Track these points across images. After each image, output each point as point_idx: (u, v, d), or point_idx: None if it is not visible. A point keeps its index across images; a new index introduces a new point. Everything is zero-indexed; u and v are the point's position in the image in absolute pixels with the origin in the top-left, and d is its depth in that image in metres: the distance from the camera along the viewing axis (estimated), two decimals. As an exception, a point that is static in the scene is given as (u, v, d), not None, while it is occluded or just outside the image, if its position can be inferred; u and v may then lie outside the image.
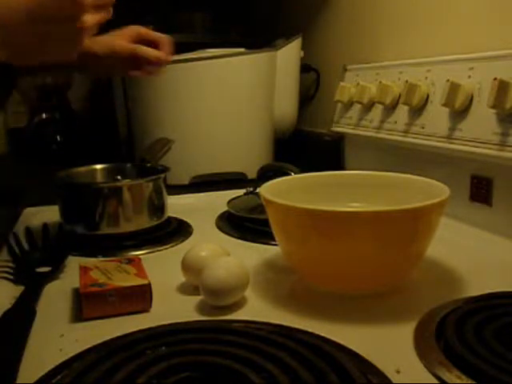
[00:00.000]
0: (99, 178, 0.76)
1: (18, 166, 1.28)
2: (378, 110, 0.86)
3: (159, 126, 0.99)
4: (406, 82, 0.76)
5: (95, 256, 0.61)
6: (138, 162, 0.79)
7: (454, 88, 0.66)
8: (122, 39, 0.70)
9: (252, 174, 1.03)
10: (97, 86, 1.54)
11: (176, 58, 0.97)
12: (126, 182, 0.68)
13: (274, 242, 0.57)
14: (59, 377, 0.36)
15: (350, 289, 0.49)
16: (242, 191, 0.93)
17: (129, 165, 0.79)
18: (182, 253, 0.52)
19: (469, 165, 0.68)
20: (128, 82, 1.09)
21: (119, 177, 0.72)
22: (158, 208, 0.70)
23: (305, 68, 1.16)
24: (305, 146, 1.21)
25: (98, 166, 0.76)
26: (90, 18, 0.48)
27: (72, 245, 0.62)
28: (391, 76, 0.83)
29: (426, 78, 0.75)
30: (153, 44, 0.72)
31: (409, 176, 0.57)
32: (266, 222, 0.53)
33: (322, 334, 0.40)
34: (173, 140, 0.78)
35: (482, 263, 0.57)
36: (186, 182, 1.00)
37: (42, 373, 0.36)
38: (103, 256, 0.60)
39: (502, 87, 0.59)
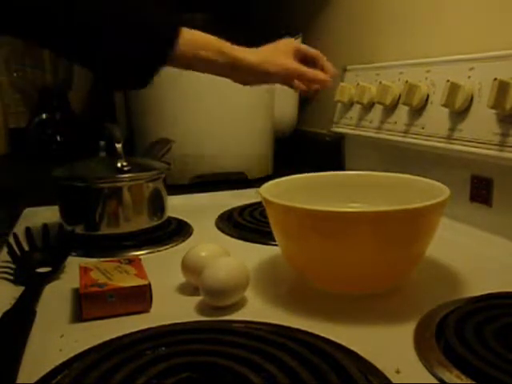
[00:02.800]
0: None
1: (18, 165, 1.28)
2: (378, 111, 0.86)
3: (159, 126, 0.99)
4: (406, 82, 0.76)
5: (95, 256, 0.61)
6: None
7: (454, 88, 0.66)
8: (284, 56, 0.72)
9: (252, 174, 1.03)
10: (97, 86, 1.54)
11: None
12: (126, 182, 0.68)
13: (273, 242, 0.57)
14: (59, 377, 0.36)
15: (350, 289, 0.49)
16: (242, 191, 0.93)
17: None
18: (182, 253, 0.52)
19: (469, 165, 0.68)
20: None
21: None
22: (158, 208, 0.70)
23: (305, 68, 1.16)
24: (305, 145, 1.21)
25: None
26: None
27: (72, 245, 0.62)
28: (391, 76, 0.83)
29: (426, 78, 0.75)
30: (309, 60, 0.75)
31: (409, 176, 0.57)
32: (266, 222, 0.53)
33: (322, 334, 0.40)
34: (173, 140, 0.78)
35: (482, 263, 0.57)
36: (186, 182, 1.00)
37: (42, 373, 0.36)
38: (103, 256, 0.60)
39: (501, 87, 0.59)
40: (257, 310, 0.47)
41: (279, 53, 0.73)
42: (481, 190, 0.67)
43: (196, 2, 1.35)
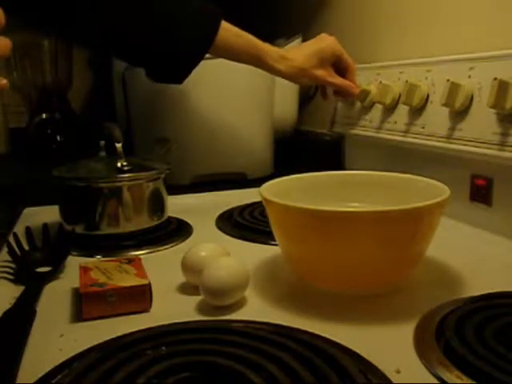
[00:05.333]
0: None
1: (18, 165, 1.28)
2: (378, 110, 0.86)
3: (159, 126, 0.99)
4: (406, 82, 0.76)
5: (95, 256, 0.61)
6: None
7: (453, 88, 0.66)
8: (320, 63, 0.80)
9: (252, 174, 1.03)
10: (97, 86, 1.54)
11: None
12: (126, 181, 0.68)
13: (274, 242, 0.57)
14: (59, 377, 0.36)
15: (350, 289, 0.49)
16: (242, 191, 0.93)
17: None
18: (182, 253, 0.52)
19: (469, 164, 0.68)
20: (128, 82, 1.09)
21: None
22: (158, 208, 0.70)
23: (305, 68, 1.16)
24: (305, 145, 1.21)
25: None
26: None
27: (72, 245, 0.62)
28: (391, 76, 0.83)
29: (426, 78, 0.75)
30: (342, 66, 0.84)
31: (409, 176, 0.57)
32: (266, 222, 0.53)
33: (322, 334, 0.40)
34: (173, 140, 0.78)
35: (482, 263, 0.57)
36: (187, 182, 1.00)
37: (42, 373, 0.36)
38: (103, 256, 0.60)
39: (502, 87, 0.59)
40: (257, 309, 0.47)
41: (316, 61, 0.79)
42: (481, 190, 0.67)
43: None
